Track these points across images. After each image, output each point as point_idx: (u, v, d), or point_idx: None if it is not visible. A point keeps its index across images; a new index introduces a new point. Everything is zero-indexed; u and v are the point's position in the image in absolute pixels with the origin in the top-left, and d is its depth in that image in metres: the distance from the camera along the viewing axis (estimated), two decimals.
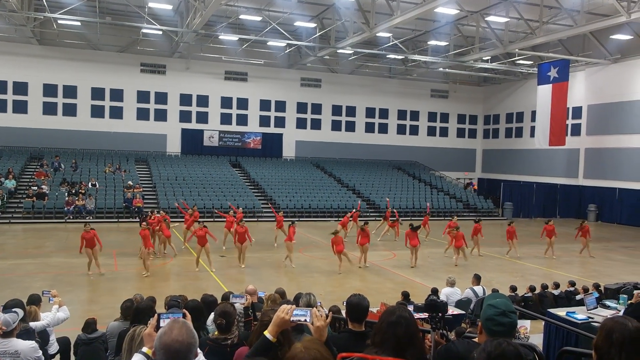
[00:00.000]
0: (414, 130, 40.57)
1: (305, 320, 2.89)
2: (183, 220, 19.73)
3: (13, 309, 4.95)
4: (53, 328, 6.79)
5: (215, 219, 25.88)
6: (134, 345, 4.40)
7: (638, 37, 28.52)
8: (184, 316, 2.97)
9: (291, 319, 2.87)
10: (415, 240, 16.50)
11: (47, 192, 25.43)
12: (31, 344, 4.82)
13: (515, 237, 19.22)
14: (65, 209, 24.68)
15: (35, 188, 25.57)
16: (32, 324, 6.03)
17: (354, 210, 23.07)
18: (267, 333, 2.88)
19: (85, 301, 11.57)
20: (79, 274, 14.23)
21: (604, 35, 29.28)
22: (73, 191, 25.90)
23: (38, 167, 28.74)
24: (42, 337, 6.26)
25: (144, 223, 15.57)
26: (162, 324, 2.81)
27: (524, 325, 7.49)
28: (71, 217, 24.63)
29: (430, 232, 22.02)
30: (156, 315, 2.97)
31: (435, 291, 9.91)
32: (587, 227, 20.17)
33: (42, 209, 24.51)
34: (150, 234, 15.78)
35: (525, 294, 11.42)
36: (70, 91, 32.06)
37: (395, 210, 23.18)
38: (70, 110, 32.08)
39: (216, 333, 4.39)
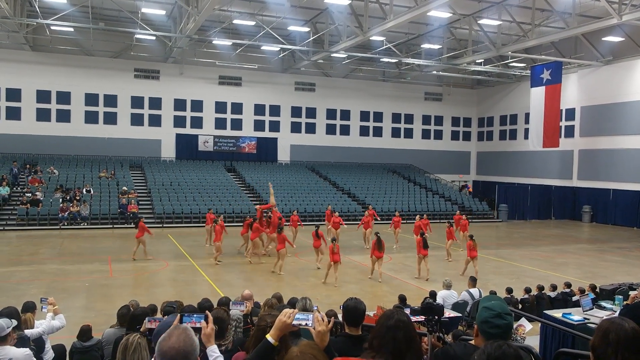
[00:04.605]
0: (409, 134, 40.65)
1: (307, 325, 2.89)
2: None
3: (6, 317, 4.91)
4: (48, 336, 6.74)
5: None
6: (127, 354, 4.35)
7: (630, 38, 28.72)
8: (206, 318, 2.95)
9: (293, 322, 2.87)
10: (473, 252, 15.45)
11: (41, 198, 25.30)
12: (25, 351, 4.78)
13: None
14: (60, 215, 24.56)
15: (29, 195, 25.44)
16: (27, 332, 5.99)
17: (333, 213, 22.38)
18: (269, 337, 2.88)
19: (80, 308, 11.49)
20: (74, 280, 14.16)
21: (596, 37, 29.48)
22: (68, 197, 25.79)
23: (32, 173, 28.58)
24: (37, 344, 6.21)
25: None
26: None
27: (522, 324, 7.46)
28: (65, 224, 24.51)
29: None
30: (179, 316, 2.96)
31: (433, 294, 9.90)
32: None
33: (36, 216, 24.37)
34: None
35: (523, 296, 11.44)
36: (64, 97, 31.96)
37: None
38: (64, 116, 31.96)
39: None
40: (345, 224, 22.51)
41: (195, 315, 2.97)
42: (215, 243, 16.96)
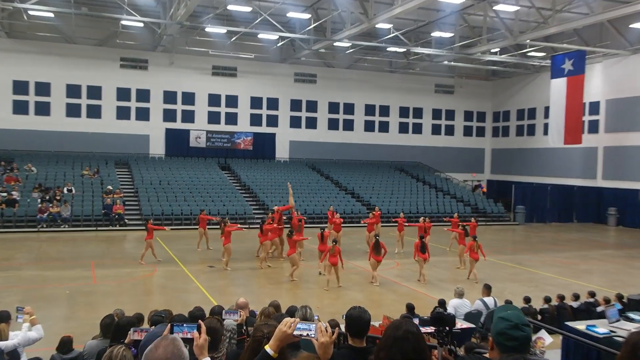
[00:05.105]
0: (417, 129, 40.63)
1: (308, 335, 2.89)
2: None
3: None
4: (24, 348, 6.73)
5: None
6: None
7: None
8: (199, 328, 2.94)
9: (294, 333, 2.86)
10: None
11: (18, 198, 25.31)
12: None
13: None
14: (38, 216, 24.56)
15: (5, 194, 25.44)
16: (0, 344, 5.98)
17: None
18: (268, 347, 2.88)
19: (60, 317, 11.50)
20: (54, 287, 14.16)
21: (623, 24, 29.39)
22: (47, 197, 25.80)
23: (8, 171, 28.58)
24: (12, 357, 6.20)
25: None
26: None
27: (542, 337, 7.45)
28: (44, 226, 24.51)
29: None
30: (169, 325, 2.95)
31: (442, 303, 9.88)
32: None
33: (12, 217, 24.36)
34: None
35: (542, 306, 11.42)
36: (44, 88, 31.97)
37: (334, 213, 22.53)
38: (43, 109, 31.97)
39: None
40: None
41: (186, 325, 2.96)
42: (224, 246, 16.91)
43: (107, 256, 18.96)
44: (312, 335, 2.88)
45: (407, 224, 21.34)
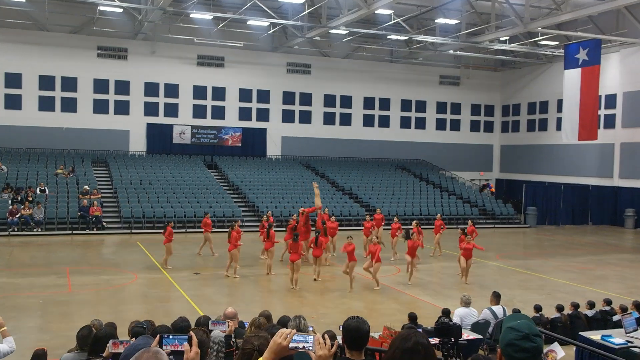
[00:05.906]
0: (421, 124, 40.67)
1: (305, 348, 2.89)
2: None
3: None
4: None
5: (188, 230, 25.84)
6: None
7: None
8: (190, 340, 2.95)
9: (290, 345, 2.87)
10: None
11: None
12: None
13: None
14: (9, 219, 24.47)
15: None
16: None
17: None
18: None
19: (33, 329, 11.49)
20: (26, 296, 14.12)
21: None
22: (18, 198, 25.72)
23: None
24: None
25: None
26: (164, 348, 2.80)
27: (554, 350, 7.49)
28: (16, 229, 24.44)
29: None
30: (158, 336, 2.95)
31: (447, 312, 9.92)
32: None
33: None
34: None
35: (554, 315, 11.47)
36: (14, 80, 31.82)
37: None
38: (14, 103, 31.83)
39: None
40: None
41: (174, 337, 2.97)
42: (229, 252, 16.89)
43: (83, 262, 18.90)
44: (310, 348, 2.89)
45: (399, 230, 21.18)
